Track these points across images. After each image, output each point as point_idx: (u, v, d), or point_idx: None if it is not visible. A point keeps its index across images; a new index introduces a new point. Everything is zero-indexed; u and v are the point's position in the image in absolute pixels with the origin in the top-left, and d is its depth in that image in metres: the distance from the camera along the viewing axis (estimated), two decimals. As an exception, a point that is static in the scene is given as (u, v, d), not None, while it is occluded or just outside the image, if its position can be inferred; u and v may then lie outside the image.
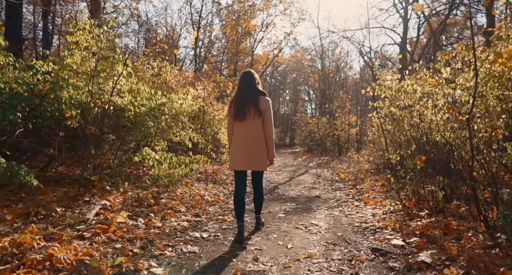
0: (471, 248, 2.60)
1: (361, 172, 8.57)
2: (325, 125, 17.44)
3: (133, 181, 5.33)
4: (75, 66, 3.95)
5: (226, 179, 7.31)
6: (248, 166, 3.29)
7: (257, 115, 3.20)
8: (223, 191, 6.07)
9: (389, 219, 3.93)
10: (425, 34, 20.17)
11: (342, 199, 5.47)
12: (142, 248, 2.75)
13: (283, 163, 14.08)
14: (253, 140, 3.23)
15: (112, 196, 4.20)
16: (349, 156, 13.41)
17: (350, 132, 16.54)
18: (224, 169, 8.67)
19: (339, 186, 7.02)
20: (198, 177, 7.09)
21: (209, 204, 4.87)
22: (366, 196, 5.46)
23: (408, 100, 3.80)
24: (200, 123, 7.65)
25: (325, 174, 9.49)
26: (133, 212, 3.78)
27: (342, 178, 8.10)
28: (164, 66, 7.23)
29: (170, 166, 4.69)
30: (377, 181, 6.93)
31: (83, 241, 2.71)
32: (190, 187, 5.82)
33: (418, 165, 3.43)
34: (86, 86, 4.18)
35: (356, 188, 6.48)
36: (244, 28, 29.13)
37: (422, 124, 3.96)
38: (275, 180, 8.24)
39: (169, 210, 4.04)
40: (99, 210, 3.55)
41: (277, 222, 3.95)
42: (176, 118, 5.75)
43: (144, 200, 4.19)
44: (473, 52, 2.92)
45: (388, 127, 5.90)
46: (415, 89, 3.59)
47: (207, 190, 5.81)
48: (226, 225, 3.78)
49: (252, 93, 3.29)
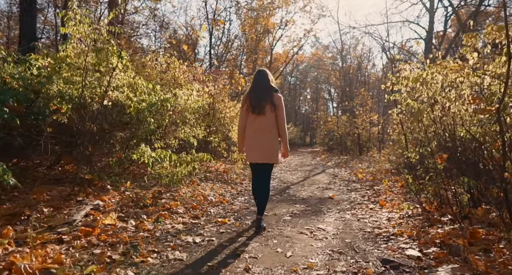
0: (503, 264, 2.17)
1: (381, 172, 8.07)
2: (345, 123, 16.84)
3: (138, 180, 5.15)
4: (69, 59, 3.77)
5: (236, 179, 7.03)
6: (260, 159, 3.42)
7: (271, 109, 3.37)
8: (230, 191, 5.79)
9: (406, 224, 3.51)
10: (452, 28, 19.11)
11: (357, 201, 5.06)
12: (124, 254, 2.50)
13: (300, 162, 13.67)
14: (266, 134, 3.38)
15: (108, 196, 4.00)
16: (370, 156, 12.81)
17: (372, 131, 15.86)
18: (236, 168, 8.40)
19: (355, 186, 6.58)
20: (206, 176, 6.85)
21: (212, 205, 4.59)
22: (383, 198, 5.02)
23: (428, 91, 3.36)
24: (210, 120, 7.40)
25: (342, 174, 9.03)
26: (126, 213, 3.56)
27: (360, 178, 7.64)
28: (172, 62, 7.03)
29: (171, 165, 4.45)
30: (397, 181, 6.45)
31: (60, 246, 2.49)
32: (195, 186, 5.58)
33: (439, 164, 3.00)
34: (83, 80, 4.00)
35: (373, 189, 6.03)
36: (263, 26, 28.84)
37: (444, 118, 3.52)
38: (289, 179, 7.89)
39: (166, 211, 3.80)
40: (90, 210, 3.34)
41: (280, 226, 3.62)
42: (182, 114, 5.52)
43: (141, 200, 3.97)
44: (506, 32, 2.48)
45: (408, 124, 5.44)
46: (436, 78, 3.15)
47: (213, 189, 5.55)
48: (225, 228, 3.49)
49: (267, 89, 3.44)
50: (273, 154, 3.41)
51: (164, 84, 6.64)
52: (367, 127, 15.70)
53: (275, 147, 3.41)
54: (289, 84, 41.33)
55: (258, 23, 28.21)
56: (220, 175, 7.34)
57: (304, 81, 42.86)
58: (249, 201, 5.07)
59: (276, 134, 3.44)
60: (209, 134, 7.81)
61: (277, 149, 3.45)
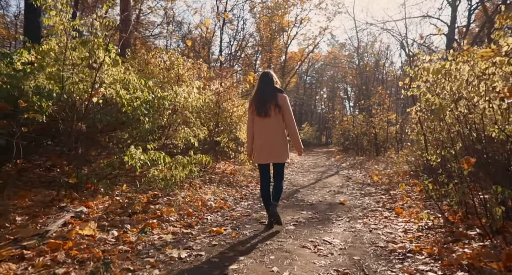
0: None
1: (398, 174, 7.52)
2: (361, 122, 16.19)
3: (137, 183, 4.85)
4: (53, 53, 3.50)
5: (242, 181, 6.66)
6: (270, 159, 3.49)
7: (276, 110, 3.41)
8: (234, 195, 5.42)
9: (426, 238, 3.05)
10: (476, 23, 18.11)
11: (370, 208, 4.60)
12: (92, 273, 2.17)
13: (314, 163, 13.19)
14: (273, 134, 3.43)
15: (97, 201, 3.71)
16: (388, 156, 12.17)
17: (390, 130, 15.15)
18: (244, 169, 8.04)
19: (370, 190, 6.09)
20: (211, 178, 6.52)
21: (211, 211, 4.24)
22: (400, 205, 4.54)
23: (451, 85, 2.89)
24: (216, 119, 7.06)
25: (357, 176, 8.53)
26: (111, 221, 3.24)
27: (375, 181, 7.13)
28: (176, 59, 6.73)
29: (167, 168, 4.13)
30: (415, 185, 5.92)
31: (18, 264, 2.18)
32: (196, 189, 5.25)
33: (465, 169, 2.53)
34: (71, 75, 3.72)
35: (389, 193, 5.53)
36: (278, 25, 28.41)
37: (471, 116, 3.03)
38: (299, 182, 7.46)
39: (156, 219, 3.46)
40: (70, 219, 3.04)
41: (281, 238, 3.22)
42: (182, 113, 5.19)
43: (131, 206, 3.66)
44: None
45: (427, 123, 4.94)
46: (462, 69, 2.68)
47: (215, 193, 5.20)
48: (218, 239, 3.12)
49: (271, 91, 3.49)
50: (282, 153, 3.48)
51: (167, 82, 6.35)
52: (385, 126, 15.02)
53: (283, 146, 3.47)
54: (304, 83, 40.70)
55: (273, 21, 27.81)
56: (226, 177, 6.99)
57: (320, 80, 42.16)
58: (253, 207, 4.70)
59: (283, 134, 3.49)
60: (216, 134, 7.48)
61: (285, 148, 3.51)
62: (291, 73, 31.09)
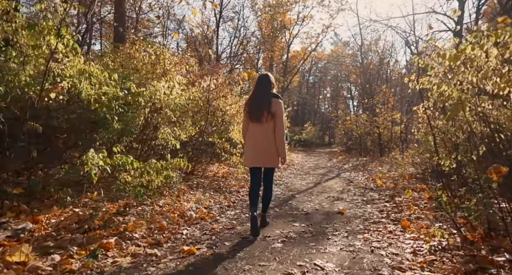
0: None
1: (404, 177, 6.94)
2: (364, 122, 15.56)
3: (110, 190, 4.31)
4: (-3, 41, 2.99)
5: (234, 186, 6.11)
6: (260, 163, 3.47)
7: (269, 117, 3.37)
8: (221, 202, 4.87)
9: (440, 263, 2.48)
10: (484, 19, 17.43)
11: (372, 218, 4.03)
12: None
13: (315, 165, 12.62)
14: (265, 139, 3.40)
15: (50, 214, 3.17)
16: (392, 157, 11.54)
17: (394, 130, 14.49)
18: (237, 172, 7.49)
19: (373, 196, 5.52)
20: (199, 183, 5.98)
21: (189, 223, 3.70)
22: (406, 215, 3.97)
23: (473, 74, 2.32)
24: (206, 119, 6.51)
25: (359, 179, 7.94)
26: (59, 241, 2.69)
27: (379, 185, 6.55)
28: (162, 53, 6.20)
29: (139, 173, 3.59)
30: (423, 191, 5.34)
31: None
32: (179, 196, 4.71)
33: (494, 181, 1.97)
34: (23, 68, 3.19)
35: (394, 201, 4.95)
36: (279, 23, 27.85)
37: (497, 113, 2.46)
38: (296, 186, 6.90)
39: (117, 236, 2.92)
40: (4, 239, 2.51)
41: (264, 260, 2.66)
42: (162, 111, 4.64)
43: (89, 220, 3.11)
44: None
45: (438, 122, 4.37)
46: (491, 52, 2.10)
47: (199, 201, 4.65)
48: (187, 263, 2.58)
49: (266, 96, 3.44)
50: (273, 158, 3.44)
51: (152, 78, 5.81)
52: (389, 126, 14.38)
53: (274, 151, 3.42)
54: (307, 82, 40.08)
55: (275, 19, 27.27)
56: (216, 180, 6.45)
57: (323, 80, 41.52)
58: (239, 217, 4.15)
59: (274, 139, 3.43)
60: (207, 134, 6.93)
61: (277, 153, 3.45)
62: (293, 72, 30.51)
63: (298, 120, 37.41)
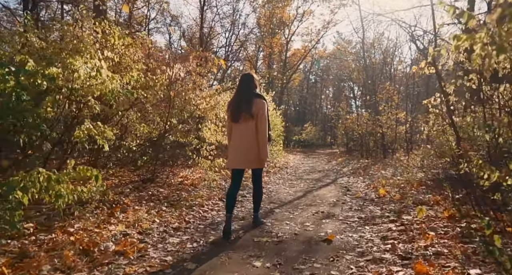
0: None
1: (412, 184, 5.67)
2: (366, 121, 14.25)
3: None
4: None
5: (199, 198, 4.84)
6: (243, 165, 3.42)
7: (250, 118, 3.31)
8: (170, 222, 3.64)
9: None
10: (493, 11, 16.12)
11: (371, 252, 2.78)
12: None
13: (311, 168, 11.38)
14: (248, 140, 3.33)
15: None
16: (397, 159, 10.24)
17: (398, 130, 13.18)
18: (210, 180, 6.22)
19: (373, 212, 4.26)
20: (155, 193, 4.77)
21: (95, 264, 2.47)
22: (421, 249, 2.72)
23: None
24: (166, 114, 5.30)
25: (358, 186, 6.68)
26: None
27: (381, 195, 5.30)
28: (112, 32, 5.00)
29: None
30: (438, 205, 4.10)
31: None
32: (114, 215, 3.50)
33: None
34: None
35: (402, 221, 3.69)
36: (279, 19, 26.73)
37: None
38: (281, 196, 5.66)
39: None
40: None
41: None
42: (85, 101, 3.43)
43: None
44: None
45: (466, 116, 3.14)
46: None
47: (138, 220, 3.43)
48: None
49: (248, 96, 3.39)
50: (258, 159, 3.37)
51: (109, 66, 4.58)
52: (393, 125, 13.08)
53: (257, 152, 3.34)
54: (307, 81, 38.83)
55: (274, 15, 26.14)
56: (179, 190, 5.21)
57: (325, 79, 40.30)
58: (183, 248, 2.93)
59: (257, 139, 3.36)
60: (169, 133, 5.73)
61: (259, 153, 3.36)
62: (293, 69, 29.35)
63: (299, 119, 36.22)
